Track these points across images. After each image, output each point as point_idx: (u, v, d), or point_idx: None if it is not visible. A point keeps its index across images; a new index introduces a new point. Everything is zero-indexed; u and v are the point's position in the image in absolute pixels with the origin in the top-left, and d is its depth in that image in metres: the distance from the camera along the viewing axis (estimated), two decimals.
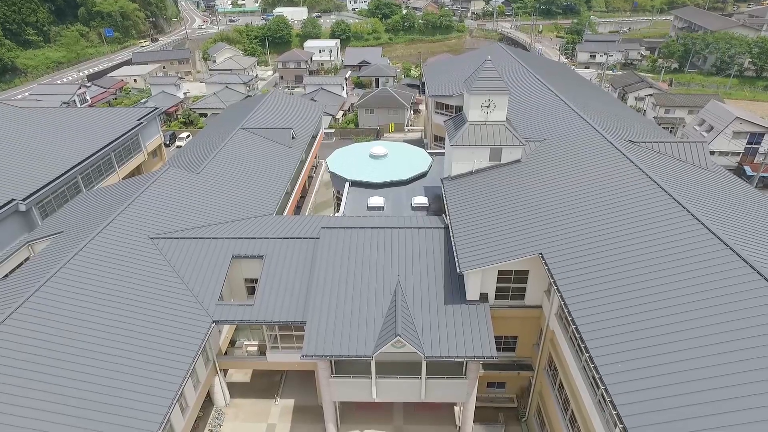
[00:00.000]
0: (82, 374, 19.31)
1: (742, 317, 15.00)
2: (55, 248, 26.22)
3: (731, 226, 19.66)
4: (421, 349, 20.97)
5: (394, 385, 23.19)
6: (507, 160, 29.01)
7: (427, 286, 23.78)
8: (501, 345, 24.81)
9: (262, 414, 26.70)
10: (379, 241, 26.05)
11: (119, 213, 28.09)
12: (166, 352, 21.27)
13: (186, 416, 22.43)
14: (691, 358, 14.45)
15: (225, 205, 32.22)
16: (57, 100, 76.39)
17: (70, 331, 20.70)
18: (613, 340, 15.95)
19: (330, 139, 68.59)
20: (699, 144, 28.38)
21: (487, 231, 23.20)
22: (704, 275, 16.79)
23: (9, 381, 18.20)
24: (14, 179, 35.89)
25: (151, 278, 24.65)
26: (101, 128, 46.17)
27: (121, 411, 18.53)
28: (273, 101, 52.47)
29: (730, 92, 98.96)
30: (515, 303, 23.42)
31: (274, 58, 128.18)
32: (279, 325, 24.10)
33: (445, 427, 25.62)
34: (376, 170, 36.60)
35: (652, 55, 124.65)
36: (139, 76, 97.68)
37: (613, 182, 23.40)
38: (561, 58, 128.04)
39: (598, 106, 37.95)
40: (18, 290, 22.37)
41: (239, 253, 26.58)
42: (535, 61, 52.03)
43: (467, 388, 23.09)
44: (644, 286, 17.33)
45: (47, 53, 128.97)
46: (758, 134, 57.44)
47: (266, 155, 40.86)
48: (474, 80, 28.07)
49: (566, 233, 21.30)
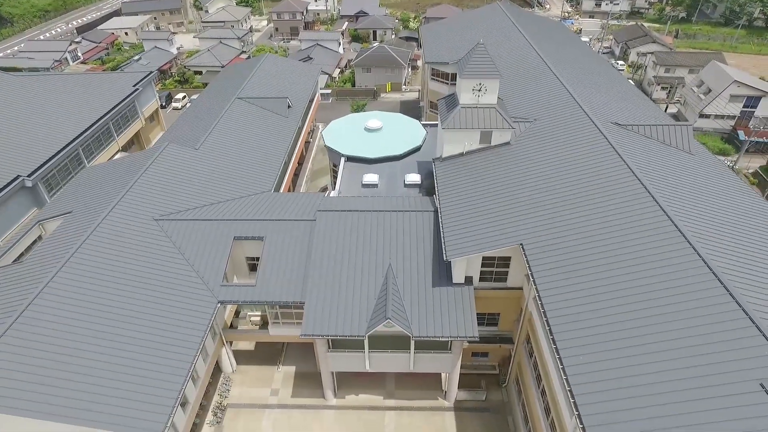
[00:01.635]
0: (99, 355, 21.33)
1: (706, 332, 16.21)
2: (65, 231, 27.66)
3: (702, 226, 20.89)
4: (409, 330, 23.00)
5: (385, 358, 25.51)
6: (497, 142, 29.85)
7: (416, 269, 25.49)
8: (485, 320, 26.92)
9: (266, 380, 29.30)
10: (372, 223, 27.50)
11: (124, 194, 29.32)
12: (177, 332, 23.27)
13: (198, 386, 24.86)
14: (654, 362, 15.92)
15: (225, 182, 33.36)
16: (49, 57, 75.37)
17: (87, 315, 22.58)
18: (579, 334, 17.78)
19: (327, 100, 68.27)
20: (683, 127, 29.10)
21: (473, 219, 24.59)
22: (675, 283, 17.98)
23: (34, 362, 20.24)
24: (17, 155, 36.80)
25: (160, 260, 26.30)
26: (98, 96, 46.30)
27: (139, 389, 20.72)
28: (268, 66, 52.04)
29: (736, 45, 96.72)
30: (498, 285, 25.23)
31: (268, 6, 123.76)
32: (279, 305, 25.99)
33: (432, 392, 28.26)
34: (371, 145, 37.40)
35: (659, 3, 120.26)
36: (131, 29, 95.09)
37: (597, 175, 24.37)
38: (565, 5, 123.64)
39: (589, 78, 38.09)
40: (35, 276, 24.05)
41: (240, 234, 28.08)
42: (533, 25, 51.09)
43: (452, 361, 25.43)
44: (616, 286, 18.78)
45: (32, 0, 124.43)
46: (755, 98, 57.39)
47: (263, 127, 41.42)
48: (466, 64, 28.39)
49: (547, 225, 22.69)
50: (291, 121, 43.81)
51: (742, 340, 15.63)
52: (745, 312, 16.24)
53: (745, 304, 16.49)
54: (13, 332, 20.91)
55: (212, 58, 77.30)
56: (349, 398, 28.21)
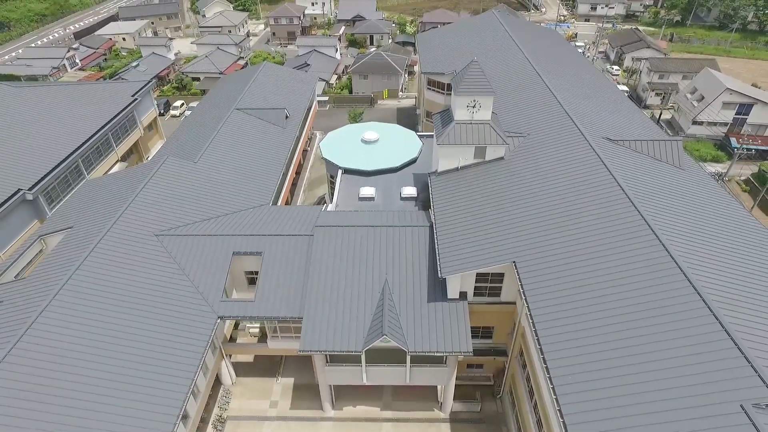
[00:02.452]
0: (101, 372, 21.80)
1: (691, 353, 16.83)
2: (67, 247, 28.12)
3: (689, 244, 21.52)
4: (405, 346, 23.56)
5: (382, 372, 26.08)
6: (491, 157, 30.44)
7: (412, 284, 26.06)
8: (480, 333, 27.51)
9: (265, 392, 29.82)
10: (368, 239, 28.05)
11: (125, 210, 29.79)
12: (178, 348, 23.77)
13: (198, 400, 25.37)
14: (642, 381, 16.48)
15: (224, 195, 33.85)
16: (47, 64, 75.62)
17: (89, 332, 23.06)
18: (570, 353, 18.36)
19: (324, 107, 68.76)
20: (673, 142, 29.73)
21: (467, 237, 25.15)
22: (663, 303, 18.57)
23: (38, 381, 20.72)
24: (18, 168, 37.20)
25: (160, 276, 26.79)
26: (97, 107, 46.66)
27: (141, 405, 21.22)
28: (266, 75, 52.52)
29: (730, 49, 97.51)
30: (492, 299, 25.81)
31: (265, 10, 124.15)
32: (278, 320, 26.51)
33: (428, 403, 28.83)
34: (368, 157, 37.92)
35: (654, 7, 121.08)
36: (128, 35, 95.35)
37: (587, 194, 24.88)
38: (561, 8, 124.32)
39: (582, 90, 38.69)
40: (39, 293, 24.51)
41: (239, 250, 28.59)
42: (528, 35, 51.69)
43: (447, 374, 26.01)
44: (606, 306, 19.38)
45: (29, 5, 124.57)
46: (747, 105, 58.11)
47: (261, 138, 41.90)
48: (460, 81, 28.95)
49: (539, 243, 23.26)
50: (289, 132, 44.29)
51: (724, 362, 16.23)
52: (728, 333, 16.83)
53: (728, 324, 17.09)
54: (16, 351, 21.38)
55: (210, 64, 77.67)
56: (347, 410, 28.76)
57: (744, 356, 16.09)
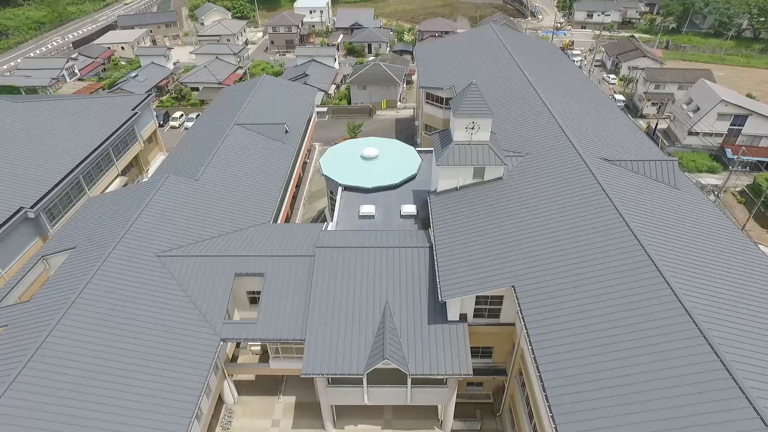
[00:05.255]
0: (105, 397, 22.05)
1: (690, 382, 17.27)
2: (70, 269, 28.36)
3: (683, 267, 21.97)
4: (406, 368, 23.89)
5: (383, 392, 26.39)
6: (490, 177, 30.84)
7: (412, 306, 26.39)
8: (479, 353, 27.85)
9: (268, 410, 30.08)
10: (369, 260, 28.38)
11: (127, 230, 30.06)
12: (181, 371, 24.03)
13: (202, 422, 25.62)
14: (642, 411, 16.76)
15: (225, 213, 34.16)
16: (46, 75, 75.78)
17: (93, 357, 23.30)
18: (568, 380, 18.72)
19: (323, 118, 69.14)
20: (669, 162, 30.19)
21: (466, 260, 25.50)
22: (659, 330, 18.93)
23: (41, 408, 20.96)
24: (19, 186, 37.39)
25: (163, 299, 27.05)
26: (97, 122, 46.90)
27: (145, 431, 21.47)
28: (265, 89, 52.85)
29: (725, 57, 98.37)
30: (491, 321, 26.16)
31: (263, 16, 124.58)
32: (280, 342, 26.80)
33: (429, 422, 29.13)
34: (368, 173, 38.25)
35: (650, 14, 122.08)
36: (127, 44, 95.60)
37: (586, 219, 25.20)
38: (558, 16, 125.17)
39: (579, 107, 39.19)
40: (44, 317, 24.75)
41: (241, 271, 28.88)
42: (525, 47, 52.23)
43: (448, 394, 26.34)
44: (605, 332, 19.72)
45: (27, 13, 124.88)
46: (742, 116, 58.74)
47: (262, 154, 42.24)
48: (459, 103, 29.34)
49: (538, 267, 23.62)
50: (289, 147, 44.65)
51: (715, 382, 16.66)
52: (723, 363, 17.23)
53: (723, 354, 17.48)
54: (22, 378, 21.63)
55: (209, 74, 78.06)
56: (348, 428, 29.04)
57: (734, 379, 16.47)
